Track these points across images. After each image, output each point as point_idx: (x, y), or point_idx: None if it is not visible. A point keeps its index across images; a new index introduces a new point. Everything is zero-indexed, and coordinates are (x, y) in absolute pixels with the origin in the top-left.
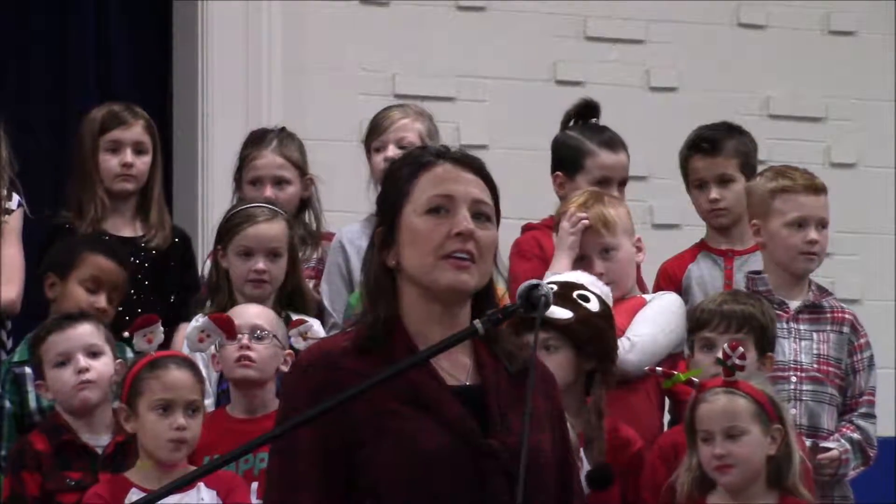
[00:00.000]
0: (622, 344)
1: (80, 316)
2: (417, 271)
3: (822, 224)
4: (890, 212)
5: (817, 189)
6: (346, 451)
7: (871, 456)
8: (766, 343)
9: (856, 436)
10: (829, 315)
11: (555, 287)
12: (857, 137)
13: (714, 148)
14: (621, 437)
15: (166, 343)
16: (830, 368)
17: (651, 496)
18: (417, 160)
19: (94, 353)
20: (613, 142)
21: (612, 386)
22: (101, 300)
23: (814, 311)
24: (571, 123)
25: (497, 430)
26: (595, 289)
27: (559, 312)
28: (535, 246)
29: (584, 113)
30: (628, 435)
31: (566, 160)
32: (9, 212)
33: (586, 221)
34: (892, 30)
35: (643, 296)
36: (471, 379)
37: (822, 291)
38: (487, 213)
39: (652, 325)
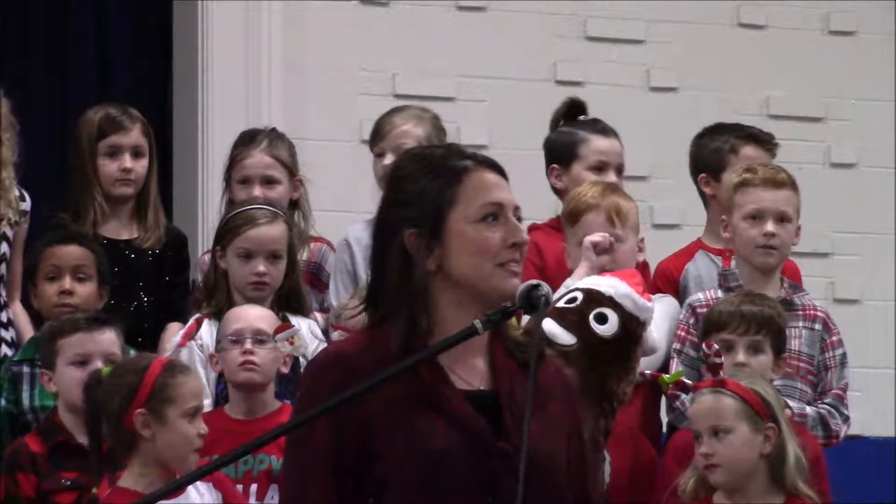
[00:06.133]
0: None
1: (106, 321)
2: (473, 278)
3: (783, 218)
4: (890, 212)
5: (777, 183)
6: (358, 446)
7: (832, 441)
8: (782, 345)
9: (823, 411)
10: (800, 312)
11: (579, 298)
12: (857, 137)
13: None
14: (640, 445)
15: (155, 341)
16: (801, 364)
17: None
18: (454, 165)
19: (111, 362)
20: (605, 128)
21: (613, 415)
22: (65, 283)
23: (786, 308)
24: (561, 123)
25: (510, 433)
26: (627, 302)
27: (562, 337)
28: (532, 251)
29: (573, 112)
30: (644, 444)
31: (560, 153)
32: (24, 213)
33: (609, 238)
34: (892, 30)
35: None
36: (485, 384)
37: (795, 289)
38: (521, 218)
39: (657, 331)
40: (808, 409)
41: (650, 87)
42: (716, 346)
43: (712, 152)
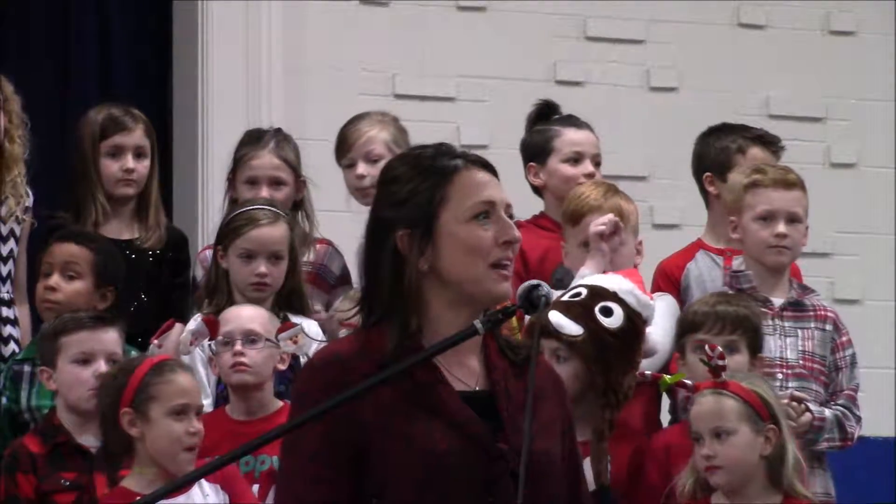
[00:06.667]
0: None
1: (110, 320)
2: (464, 279)
3: (794, 218)
4: (890, 212)
5: (787, 183)
6: (354, 452)
7: (847, 442)
8: (758, 344)
9: (838, 412)
10: (811, 313)
11: (583, 293)
12: (857, 137)
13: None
14: (640, 445)
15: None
16: (815, 365)
17: (645, 497)
18: (445, 164)
19: (113, 362)
20: (578, 122)
21: (619, 407)
22: (52, 280)
23: (797, 309)
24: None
25: (507, 434)
26: (630, 298)
27: (569, 327)
28: (516, 260)
29: (546, 114)
30: (644, 444)
31: (535, 150)
32: (27, 210)
33: (614, 218)
34: (892, 30)
35: None
36: (480, 384)
37: (804, 289)
38: (512, 216)
39: (657, 330)
40: (827, 412)
41: (650, 87)
42: (719, 349)
43: (719, 152)
